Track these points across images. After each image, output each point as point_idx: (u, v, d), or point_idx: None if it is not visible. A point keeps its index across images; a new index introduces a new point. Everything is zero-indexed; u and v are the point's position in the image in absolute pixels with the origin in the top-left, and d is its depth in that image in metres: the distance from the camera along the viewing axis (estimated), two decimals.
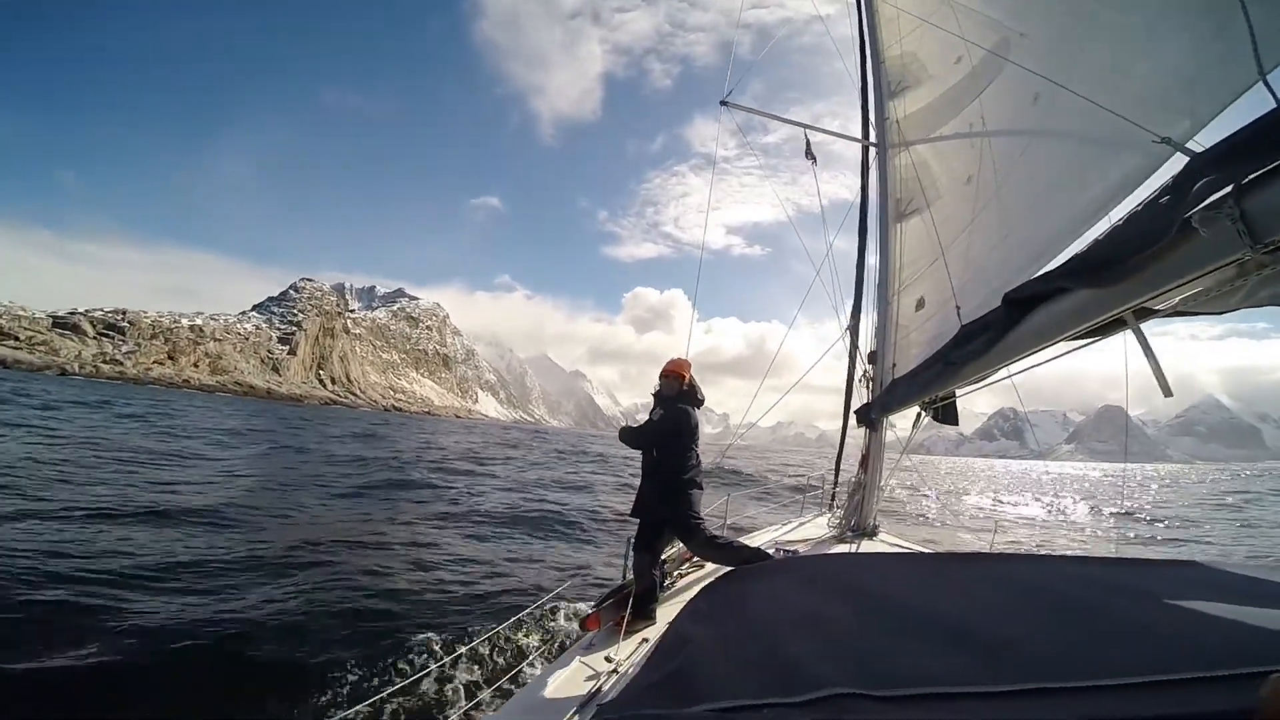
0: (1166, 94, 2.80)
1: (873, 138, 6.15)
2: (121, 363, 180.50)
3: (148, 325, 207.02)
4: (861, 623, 1.71)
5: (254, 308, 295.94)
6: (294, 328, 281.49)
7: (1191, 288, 2.35)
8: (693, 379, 4.36)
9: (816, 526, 6.24)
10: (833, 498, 6.93)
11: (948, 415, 5.35)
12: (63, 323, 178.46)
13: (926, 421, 5.52)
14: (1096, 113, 2.97)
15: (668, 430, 4.16)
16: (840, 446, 6.75)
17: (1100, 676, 1.11)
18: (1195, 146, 2.39)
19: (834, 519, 6.14)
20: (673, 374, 4.31)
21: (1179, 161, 2.29)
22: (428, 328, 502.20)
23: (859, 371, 6.32)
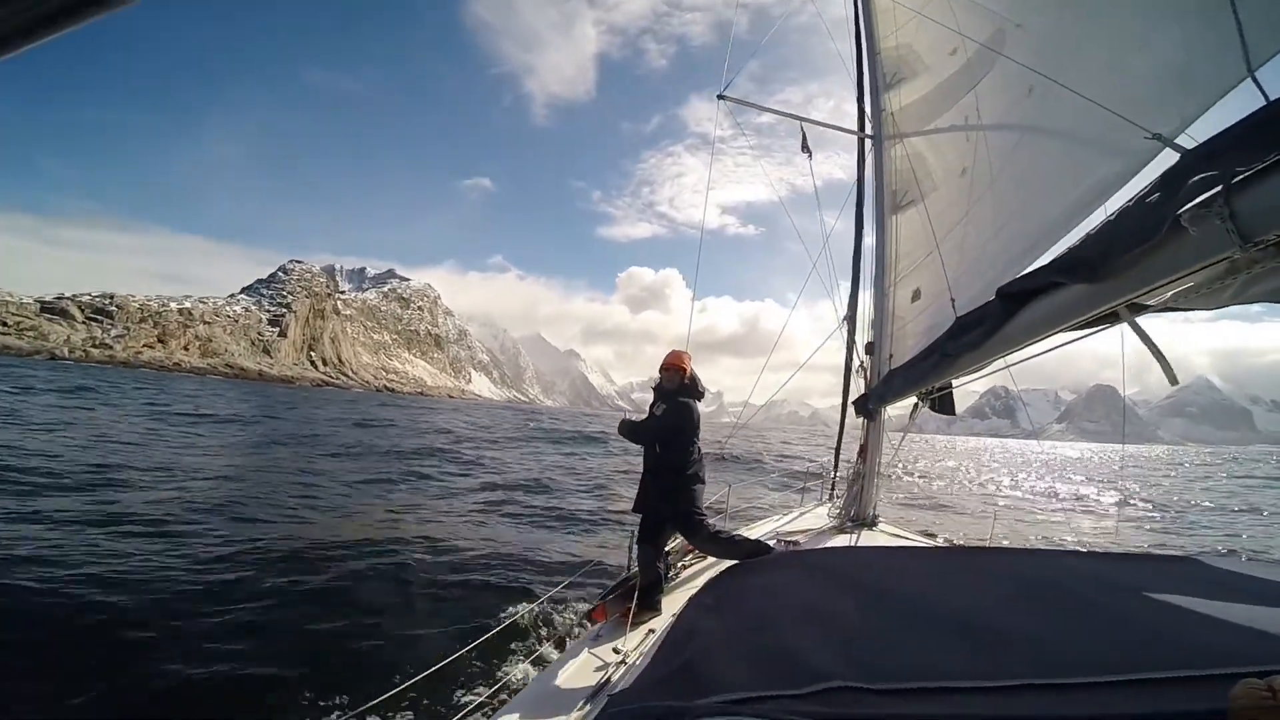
0: (1158, 89, 2.82)
1: (868, 129, 6.16)
2: (111, 347, 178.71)
3: (136, 309, 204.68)
4: (862, 616, 1.75)
5: (243, 290, 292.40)
6: (284, 309, 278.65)
7: (1183, 284, 2.38)
8: (693, 372, 4.33)
9: (816, 517, 6.29)
10: (832, 487, 6.99)
11: (944, 405, 5.42)
12: (50, 308, 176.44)
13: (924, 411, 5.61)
14: (1090, 106, 2.99)
15: (672, 426, 4.15)
16: (839, 437, 6.81)
17: (1094, 674, 1.15)
18: (1185, 142, 2.42)
19: (834, 509, 6.19)
20: (673, 367, 4.28)
21: (1170, 156, 2.31)
22: (419, 308, 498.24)
23: (855, 362, 6.37)
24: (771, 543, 4.48)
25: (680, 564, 4.76)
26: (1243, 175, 1.88)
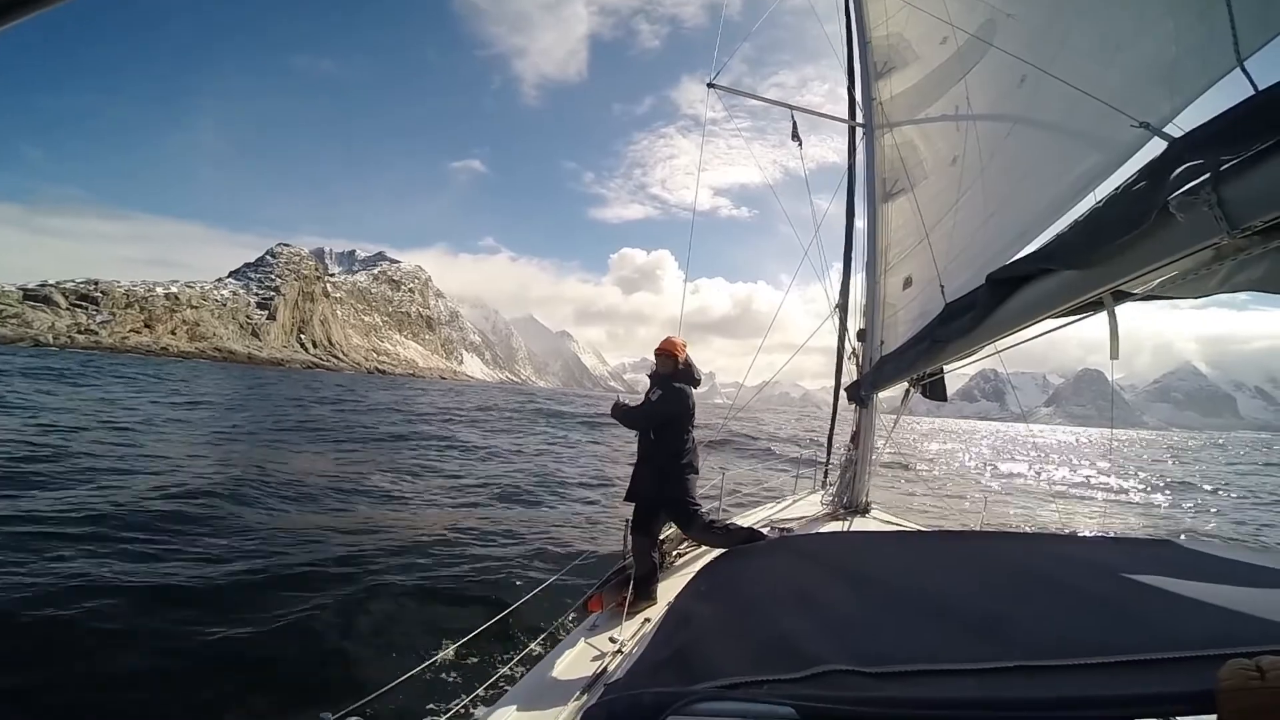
0: (1148, 79, 2.83)
1: (859, 118, 6.15)
2: (96, 333, 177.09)
3: (121, 295, 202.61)
4: (854, 601, 1.78)
5: (231, 274, 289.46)
6: (272, 293, 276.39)
7: (1169, 271, 2.41)
8: (688, 358, 4.30)
9: (810, 504, 6.33)
10: (825, 475, 7.05)
11: (935, 390, 5.47)
12: (34, 295, 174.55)
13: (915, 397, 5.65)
14: (1080, 95, 3.00)
15: (667, 413, 4.13)
16: (831, 424, 6.85)
17: (1078, 655, 1.18)
18: (1174, 131, 2.43)
19: (827, 496, 6.24)
20: (665, 352, 4.25)
21: (1159, 145, 2.33)
22: (410, 290, 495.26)
23: (848, 349, 6.38)
24: (765, 530, 4.50)
25: (675, 552, 4.77)
26: (1230, 163, 1.91)
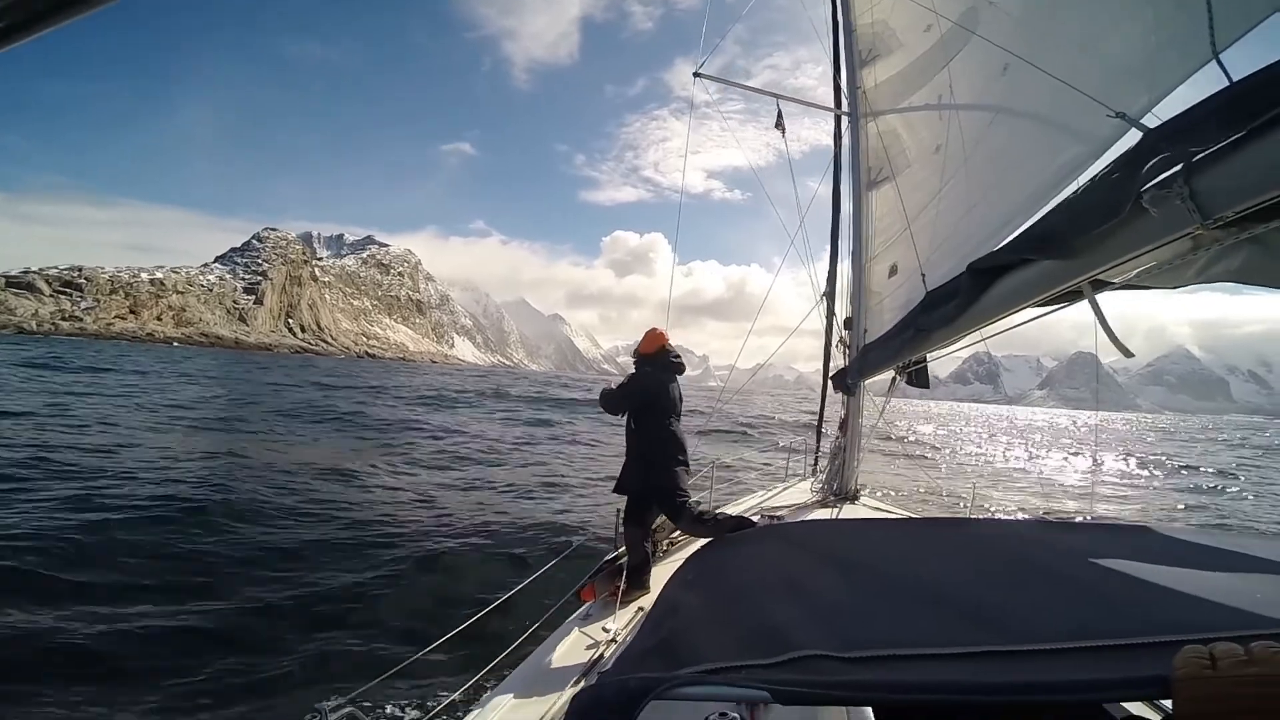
0: (1128, 69, 2.85)
1: (845, 106, 6.13)
2: (81, 319, 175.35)
3: (106, 281, 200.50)
4: (836, 588, 1.82)
5: (217, 259, 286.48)
6: (259, 277, 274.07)
7: (1146, 261, 2.44)
8: (665, 346, 4.30)
9: (800, 491, 6.39)
10: (815, 462, 7.11)
11: (920, 379, 5.53)
12: (17, 282, 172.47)
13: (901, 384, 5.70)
14: (1062, 85, 3.01)
15: (631, 393, 4.16)
16: (820, 411, 6.90)
17: (1051, 640, 1.22)
18: (1151, 122, 2.44)
19: (817, 484, 6.30)
20: (644, 341, 4.36)
21: (1136, 136, 2.34)
22: (400, 274, 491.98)
23: (835, 336, 6.41)
24: (755, 518, 4.54)
25: (667, 540, 4.82)
26: (1202, 154, 1.93)
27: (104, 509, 8.25)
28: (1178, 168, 1.98)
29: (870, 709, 1.62)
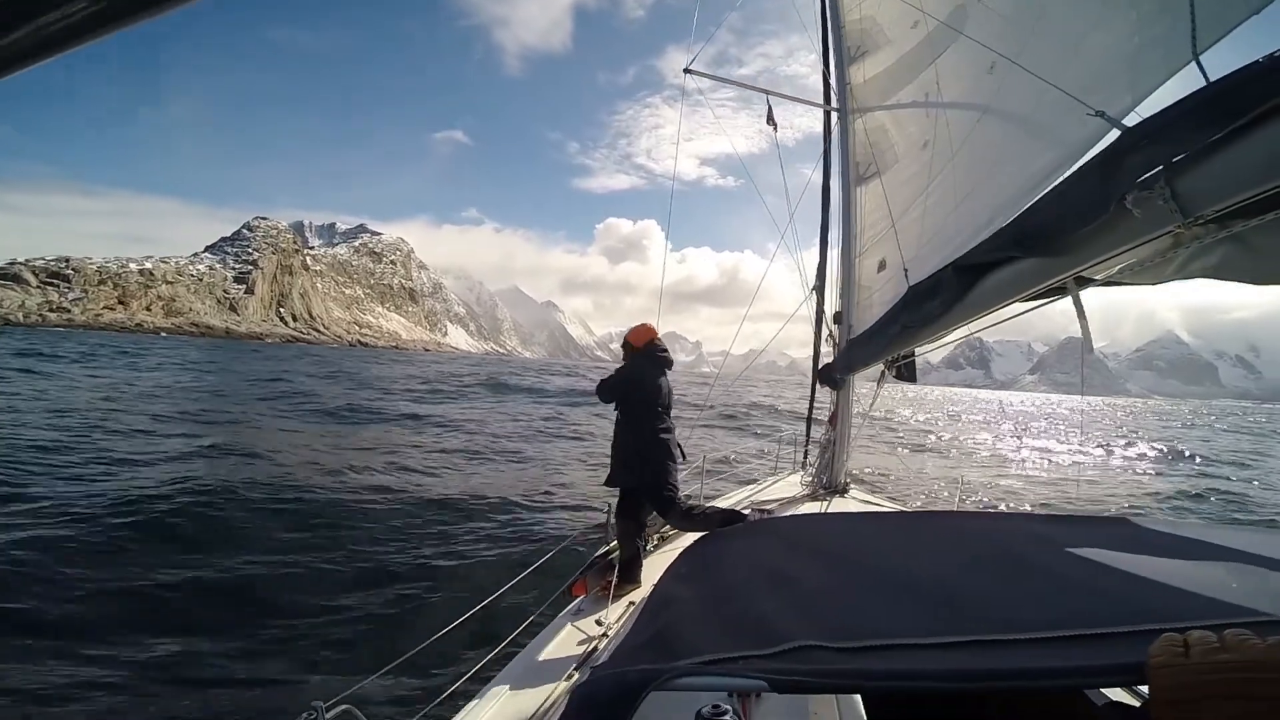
0: (1112, 69, 2.88)
1: (834, 102, 6.14)
2: (69, 310, 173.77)
3: (94, 272, 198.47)
4: (827, 580, 1.86)
5: (207, 249, 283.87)
6: (250, 267, 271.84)
7: (1129, 258, 2.49)
8: (652, 340, 4.33)
9: (790, 484, 6.44)
10: (805, 456, 7.16)
11: (907, 373, 5.57)
12: (2, 274, 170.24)
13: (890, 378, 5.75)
14: (1047, 84, 3.03)
15: (622, 381, 4.20)
16: (810, 405, 6.94)
17: (1034, 630, 1.26)
18: (1133, 121, 2.46)
19: (806, 477, 6.36)
20: (632, 332, 4.41)
21: (1116, 135, 2.36)
22: (392, 262, 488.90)
23: (825, 331, 6.43)
24: (746, 512, 4.58)
25: (658, 535, 4.85)
26: (1182, 154, 1.97)
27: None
28: (1159, 168, 2.01)
29: (860, 698, 1.65)
